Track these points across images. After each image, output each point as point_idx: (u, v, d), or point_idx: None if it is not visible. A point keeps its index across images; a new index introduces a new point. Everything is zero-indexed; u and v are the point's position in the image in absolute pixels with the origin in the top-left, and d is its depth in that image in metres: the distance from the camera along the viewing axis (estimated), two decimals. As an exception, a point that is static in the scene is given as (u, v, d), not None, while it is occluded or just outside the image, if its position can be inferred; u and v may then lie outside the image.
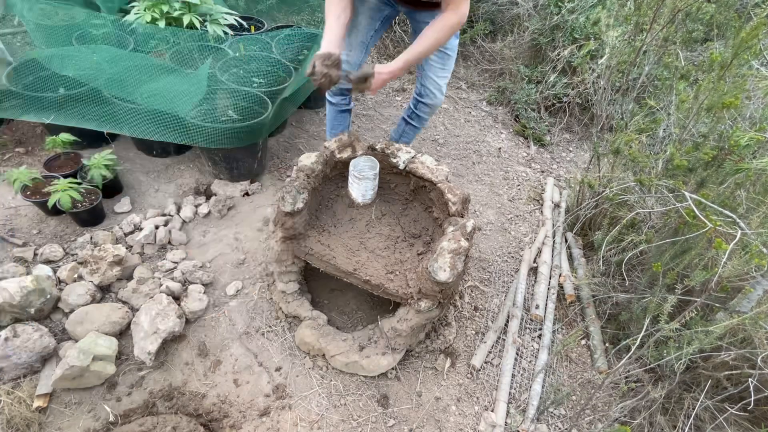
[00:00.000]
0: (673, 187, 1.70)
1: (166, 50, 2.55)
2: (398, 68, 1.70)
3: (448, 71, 2.14)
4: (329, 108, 2.34)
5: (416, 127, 2.39)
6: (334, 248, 1.72)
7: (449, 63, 2.10)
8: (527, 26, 3.58)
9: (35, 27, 2.44)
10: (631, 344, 1.41)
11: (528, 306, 2.13)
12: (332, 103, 2.29)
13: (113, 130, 2.28)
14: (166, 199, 2.36)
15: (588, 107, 3.41)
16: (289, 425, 1.62)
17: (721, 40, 2.53)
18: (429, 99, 2.19)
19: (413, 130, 2.40)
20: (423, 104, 2.24)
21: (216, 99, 2.43)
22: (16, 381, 1.60)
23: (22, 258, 1.94)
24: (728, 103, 1.60)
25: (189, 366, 1.76)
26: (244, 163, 2.44)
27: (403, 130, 2.42)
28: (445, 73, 2.13)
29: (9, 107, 2.19)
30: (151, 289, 1.89)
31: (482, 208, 2.73)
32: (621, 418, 1.69)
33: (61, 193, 1.95)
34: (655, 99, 2.29)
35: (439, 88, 2.15)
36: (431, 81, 2.13)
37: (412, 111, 2.33)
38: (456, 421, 1.72)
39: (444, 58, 2.07)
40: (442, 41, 1.69)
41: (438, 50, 2.01)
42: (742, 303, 1.54)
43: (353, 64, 2.08)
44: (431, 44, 1.69)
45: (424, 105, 2.24)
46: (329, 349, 1.75)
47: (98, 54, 2.31)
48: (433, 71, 2.10)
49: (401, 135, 2.45)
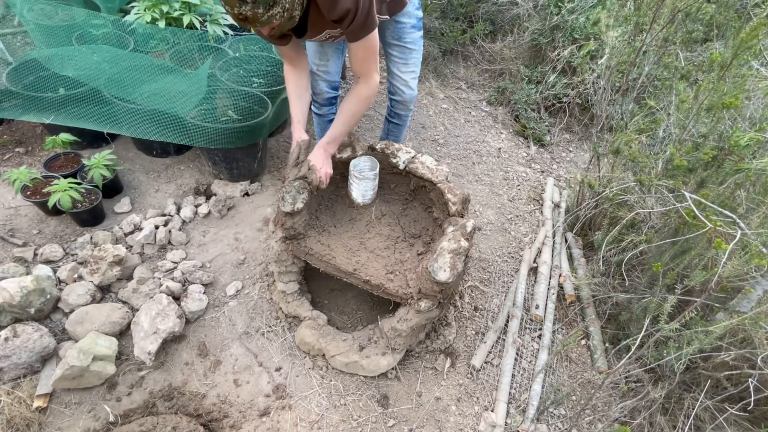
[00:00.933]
0: (673, 187, 1.70)
1: (166, 50, 2.55)
2: (326, 143, 1.73)
3: (414, 65, 2.07)
4: (316, 119, 2.31)
5: (399, 124, 2.35)
6: (334, 248, 1.72)
7: (412, 57, 2.04)
8: (527, 26, 3.58)
9: (35, 27, 2.43)
10: (631, 344, 1.41)
11: (528, 306, 2.13)
12: (319, 114, 2.25)
13: (113, 130, 2.28)
14: (166, 199, 2.36)
15: (588, 107, 3.41)
16: (289, 425, 1.62)
17: (721, 41, 2.53)
18: (398, 96, 2.15)
19: (397, 128, 2.37)
20: (395, 101, 2.21)
21: (216, 99, 2.43)
22: (16, 381, 1.60)
23: (22, 258, 1.94)
24: (728, 103, 1.60)
25: (189, 366, 1.76)
26: (244, 163, 2.44)
27: (388, 129, 2.41)
28: (409, 68, 2.07)
29: (9, 107, 2.19)
30: (151, 289, 1.89)
31: (482, 208, 2.73)
32: (621, 418, 1.69)
33: (61, 193, 1.95)
34: (655, 99, 2.29)
35: (405, 83, 2.10)
36: (396, 77, 2.09)
37: (390, 109, 2.31)
38: (456, 421, 1.72)
39: (404, 52, 2.01)
40: (359, 112, 1.71)
41: (397, 44, 1.98)
42: (741, 303, 1.54)
43: (333, 71, 2.06)
44: (350, 117, 1.71)
45: (396, 102, 2.21)
46: (329, 349, 1.75)
47: (98, 54, 2.31)
48: (396, 67, 2.06)
49: (388, 134, 2.43)
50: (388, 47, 2.02)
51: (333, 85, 2.13)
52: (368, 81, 1.64)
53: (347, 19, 1.43)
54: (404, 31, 1.94)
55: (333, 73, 2.07)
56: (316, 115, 2.29)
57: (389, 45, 2.01)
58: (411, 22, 1.93)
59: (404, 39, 1.97)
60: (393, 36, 1.96)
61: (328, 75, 2.07)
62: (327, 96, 2.15)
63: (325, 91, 2.12)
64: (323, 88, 2.11)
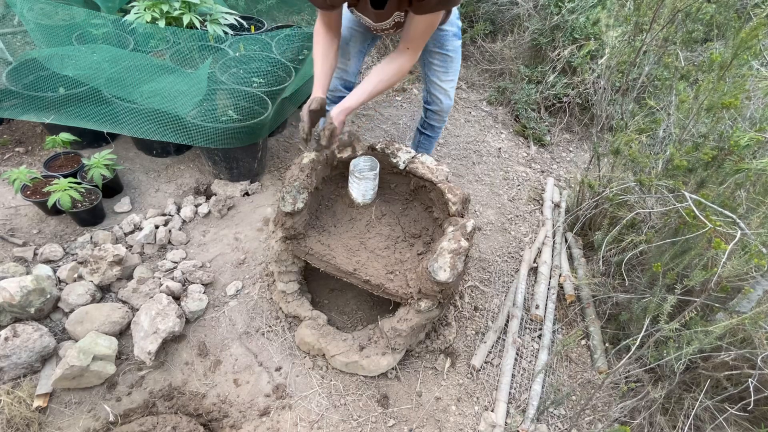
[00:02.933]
0: (673, 187, 1.70)
1: (166, 50, 2.55)
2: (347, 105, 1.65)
3: (453, 74, 2.07)
4: None
5: (430, 136, 2.33)
6: (334, 248, 1.72)
7: (452, 66, 2.03)
8: (527, 26, 3.58)
9: (35, 26, 2.43)
10: (631, 344, 1.41)
11: (528, 306, 2.13)
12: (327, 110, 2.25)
13: (113, 130, 2.27)
14: (166, 199, 2.36)
15: (588, 107, 3.41)
16: (289, 425, 1.62)
17: (721, 41, 2.53)
18: (435, 105, 2.14)
19: (428, 139, 2.35)
20: (431, 111, 2.19)
21: (216, 99, 2.43)
22: (16, 381, 1.60)
23: (22, 258, 1.94)
24: (728, 103, 1.60)
25: (189, 366, 1.76)
26: (244, 163, 2.44)
27: (418, 140, 2.39)
28: (449, 77, 2.06)
29: (9, 107, 2.19)
30: (151, 289, 1.89)
31: (482, 208, 2.73)
32: (621, 418, 1.69)
33: (61, 193, 1.94)
34: (655, 99, 2.29)
35: (445, 93, 2.10)
36: (435, 86, 2.08)
37: (423, 120, 2.29)
38: (456, 421, 1.72)
39: (446, 60, 2.01)
40: (392, 82, 1.67)
41: (438, 52, 1.97)
42: (741, 303, 1.54)
43: (351, 72, 2.06)
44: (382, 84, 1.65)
45: (432, 112, 2.19)
46: (329, 349, 1.75)
47: (98, 53, 2.30)
48: (436, 75, 2.05)
49: (418, 145, 2.41)
50: (429, 55, 2.01)
51: (347, 85, 2.12)
52: (414, 55, 1.62)
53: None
54: (446, 38, 1.94)
55: (351, 73, 2.07)
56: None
57: (430, 53, 2.00)
58: (452, 30, 1.93)
59: (446, 47, 1.96)
60: (435, 44, 1.95)
61: (346, 74, 2.06)
62: (338, 95, 2.13)
63: (338, 89, 2.12)
64: (337, 86, 2.10)
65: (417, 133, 2.40)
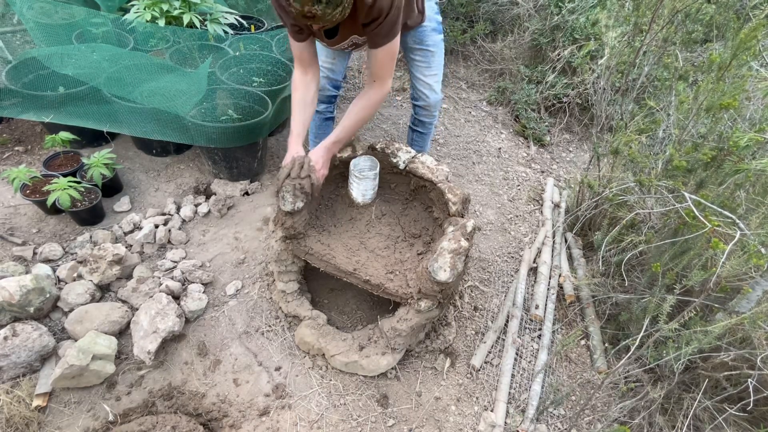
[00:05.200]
0: (673, 187, 1.70)
1: (165, 49, 2.55)
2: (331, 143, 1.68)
3: (436, 68, 2.06)
4: (314, 116, 2.27)
5: (423, 133, 2.33)
6: (334, 248, 1.72)
7: (434, 60, 2.03)
8: (527, 26, 3.59)
9: (35, 25, 2.43)
10: (630, 344, 1.41)
11: (528, 306, 2.13)
12: (318, 111, 2.23)
13: (113, 129, 2.27)
14: (166, 199, 2.36)
15: (588, 107, 3.41)
16: (289, 425, 1.62)
17: (720, 41, 2.53)
18: (422, 101, 2.14)
19: (421, 136, 2.35)
20: (418, 107, 2.20)
21: (216, 98, 2.43)
22: (16, 380, 1.60)
23: (22, 257, 1.94)
24: (727, 103, 1.60)
25: (188, 365, 1.76)
26: (244, 163, 2.44)
27: (411, 138, 2.39)
28: (432, 71, 2.06)
29: (8, 106, 2.18)
30: (151, 289, 1.89)
31: (482, 208, 2.73)
32: (620, 418, 1.70)
33: (61, 192, 1.94)
34: (655, 99, 2.29)
35: (429, 87, 2.09)
36: (420, 81, 2.08)
37: (413, 117, 2.29)
38: (456, 421, 1.72)
39: (427, 55, 2.00)
40: (368, 115, 1.72)
41: (419, 48, 1.98)
42: (741, 303, 1.54)
43: (338, 71, 2.07)
44: (359, 119, 1.70)
45: (420, 108, 2.19)
46: (329, 349, 1.75)
47: (98, 53, 2.30)
48: (419, 71, 2.06)
49: (411, 143, 2.41)
50: (410, 52, 2.02)
51: (335, 84, 2.13)
52: (382, 85, 1.65)
53: (377, 22, 1.43)
54: (425, 34, 1.95)
55: (337, 72, 2.07)
56: (315, 112, 2.28)
57: (411, 50, 2.01)
58: (431, 26, 1.94)
59: (426, 42, 1.97)
60: (414, 40, 1.97)
61: (332, 73, 2.07)
62: (328, 94, 2.15)
63: (326, 88, 2.12)
64: (325, 85, 2.11)
65: (409, 131, 2.40)
